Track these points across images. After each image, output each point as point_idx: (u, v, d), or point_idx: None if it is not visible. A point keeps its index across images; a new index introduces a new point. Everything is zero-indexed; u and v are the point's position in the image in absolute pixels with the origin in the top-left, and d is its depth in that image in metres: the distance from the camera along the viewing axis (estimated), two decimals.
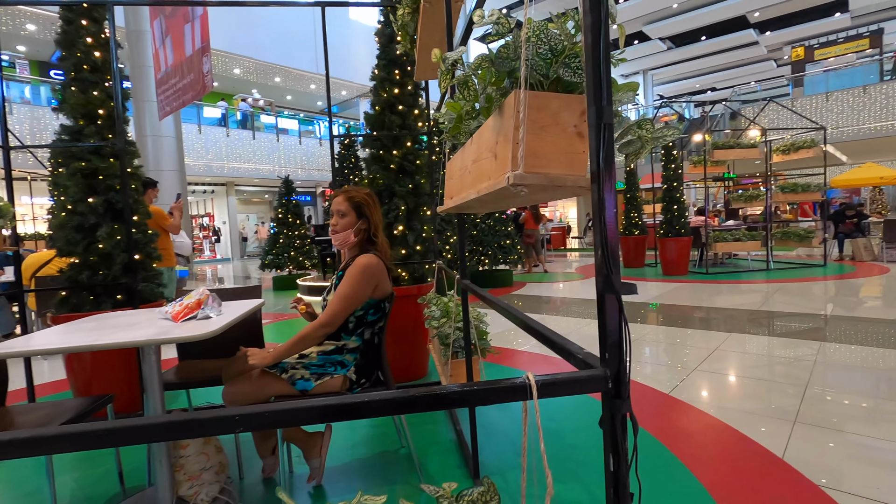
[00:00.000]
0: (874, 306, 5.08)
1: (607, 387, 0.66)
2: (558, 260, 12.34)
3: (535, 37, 0.86)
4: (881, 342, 3.73)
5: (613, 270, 0.65)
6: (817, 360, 3.33)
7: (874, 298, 5.51)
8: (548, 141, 0.85)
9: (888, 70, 16.48)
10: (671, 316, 5.07)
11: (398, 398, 0.65)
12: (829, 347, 3.62)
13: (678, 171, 7.99)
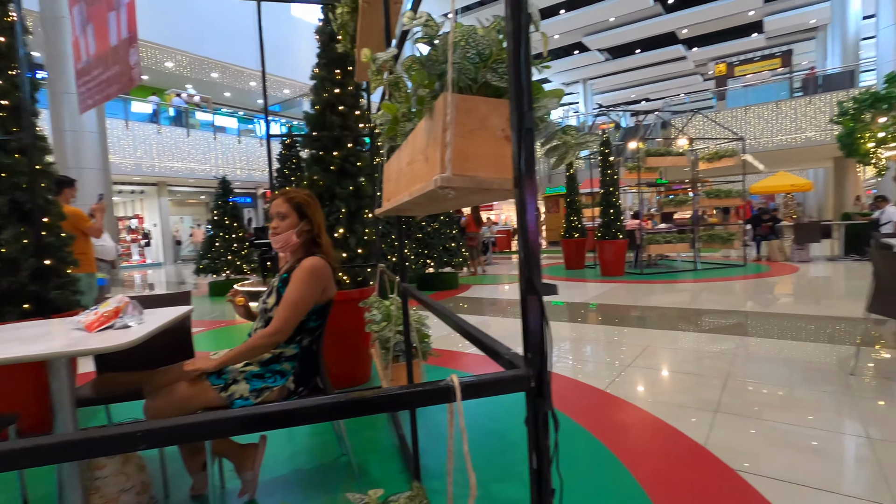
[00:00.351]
0: (787, 303, 5.56)
1: (530, 386, 0.67)
2: (504, 262, 12.58)
3: (464, 41, 0.87)
4: (793, 335, 4.08)
5: (534, 272, 0.66)
6: (737, 353, 3.59)
7: (786, 295, 6.03)
8: (476, 144, 0.86)
9: (797, 88, 18.09)
10: (609, 315, 5.30)
11: (318, 405, 0.63)
12: (748, 341, 3.92)
13: (615, 177, 8.39)
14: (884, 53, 12.48)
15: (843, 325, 4.24)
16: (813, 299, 5.61)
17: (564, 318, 5.28)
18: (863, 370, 3.06)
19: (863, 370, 3.06)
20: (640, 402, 2.74)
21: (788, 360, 3.42)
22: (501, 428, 2.48)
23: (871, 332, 4.01)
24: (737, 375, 3.10)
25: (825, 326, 4.28)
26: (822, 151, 17.69)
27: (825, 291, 6.10)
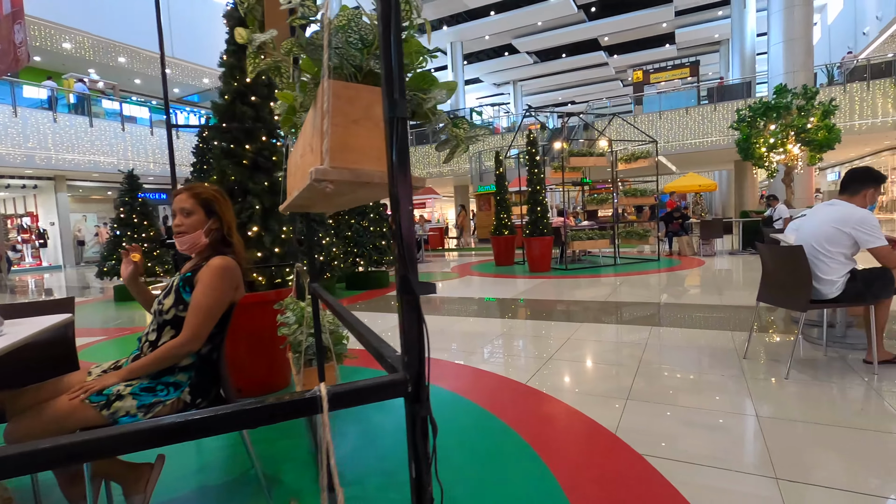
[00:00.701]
0: (693, 294, 6.02)
1: (407, 391, 0.63)
2: (436, 260, 12.62)
3: (347, 25, 0.82)
4: (697, 324, 4.41)
5: (410, 270, 0.63)
6: (650, 342, 3.81)
7: (693, 287, 6.53)
8: (361, 135, 0.81)
9: (703, 96, 19.67)
10: (534, 309, 5.46)
11: (167, 425, 0.55)
12: (659, 331, 4.18)
13: (541, 176, 8.67)
14: (774, 67, 13.88)
15: (739, 313, 4.65)
16: (715, 290, 6.12)
17: (493, 313, 5.36)
18: (754, 353, 3.36)
19: (754, 353, 3.36)
20: (558, 393, 2.83)
21: (693, 347, 3.68)
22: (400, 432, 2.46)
23: (762, 318, 4.43)
24: (648, 363, 3.29)
25: (724, 315, 4.67)
26: (724, 155, 19.40)
27: (725, 283, 6.68)
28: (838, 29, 25.05)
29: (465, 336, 4.39)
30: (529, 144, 8.62)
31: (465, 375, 3.26)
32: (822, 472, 1.89)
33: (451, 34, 28.12)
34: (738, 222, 9.90)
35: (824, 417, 2.35)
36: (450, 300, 6.46)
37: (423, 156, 24.02)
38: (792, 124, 8.89)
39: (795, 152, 9.07)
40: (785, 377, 2.88)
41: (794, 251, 2.90)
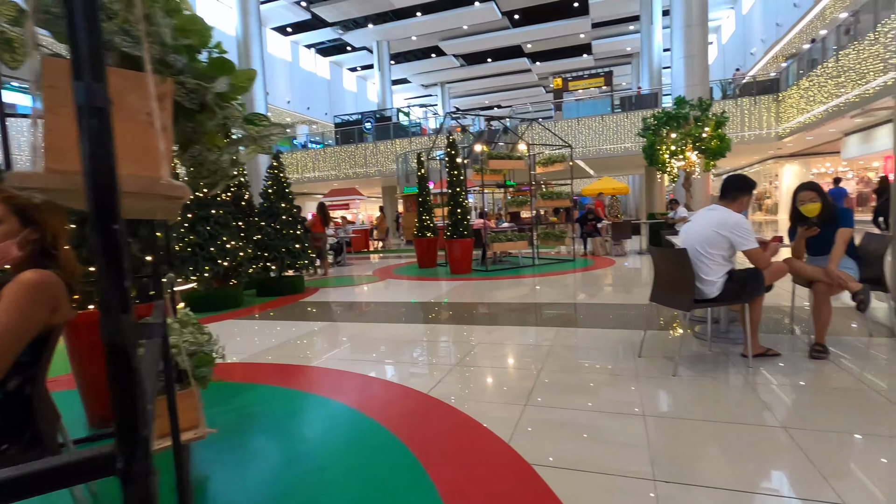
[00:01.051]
0: (602, 293, 6.27)
1: (116, 468, 0.48)
2: (359, 262, 12.30)
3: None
4: (602, 323, 4.56)
5: (115, 303, 0.47)
6: (555, 343, 3.87)
7: (603, 286, 6.81)
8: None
9: (617, 105, 20.87)
10: (449, 313, 5.40)
11: None
12: (565, 332, 4.26)
13: (461, 178, 8.69)
14: (676, 81, 14.99)
15: (640, 312, 4.88)
16: (621, 289, 6.42)
17: (407, 318, 5.24)
18: (649, 352, 3.50)
19: (649, 352, 3.50)
20: (459, 402, 2.75)
21: (594, 347, 3.78)
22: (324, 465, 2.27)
23: (662, 316, 4.67)
24: (551, 366, 3.31)
25: (626, 313, 4.88)
26: (636, 160, 20.75)
27: (631, 282, 7.04)
28: (731, 48, 27.71)
29: (373, 343, 4.23)
30: (449, 146, 8.62)
31: (364, 387, 3.10)
32: (698, 470, 1.95)
33: (377, 33, 27.74)
34: (646, 224, 10.56)
35: (705, 413, 2.46)
36: (364, 305, 6.26)
37: (349, 154, 23.47)
38: (690, 133, 9.63)
39: (693, 159, 9.84)
40: (673, 374, 3.01)
41: (679, 254, 3.05)
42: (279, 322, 5.35)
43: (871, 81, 11.78)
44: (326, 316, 5.64)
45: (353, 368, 3.49)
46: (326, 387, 3.15)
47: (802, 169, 22.24)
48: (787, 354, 3.29)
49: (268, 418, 2.72)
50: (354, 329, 4.86)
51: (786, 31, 19.84)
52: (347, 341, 4.38)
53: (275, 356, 3.94)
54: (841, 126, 15.81)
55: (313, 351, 4.06)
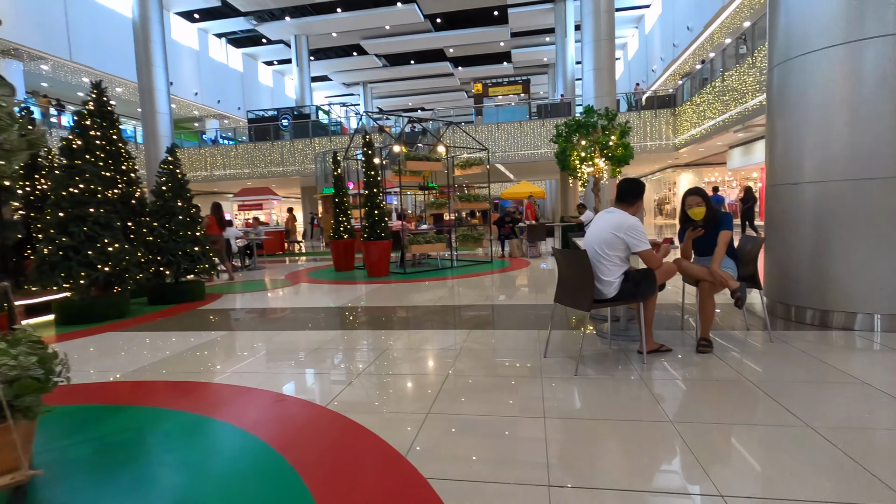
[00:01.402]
0: (516, 294, 6.38)
1: None
2: (273, 266, 11.65)
3: None
4: (512, 325, 4.59)
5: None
6: (464, 347, 3.82)
7: (517, 287, 6.94)
8: None
9: (534, 112, 21.67)
10: (361, 318, 5.20)
11: None
12: (475, 334, 4.23)
13: (378, 178, 8.48)
14: (587, 91, 15.85)
15: (548, 312, 4.99)
16: (534, 290, 6.58)
17: (316, 325, 4.96)
18: (553, 352, 3.55)
19: (553, 352, 3.55)
20: (359, 415, 2.58)
21: (503, 349, 3.78)
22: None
23: (568, 316, 4.80)
24: (458, 370, 3.24)
25: (536, 314, 4.97)
26: (551, 165, 21.73)
27: (544, 283, 7.25)
28: (635, 64, 29.94)
29: (274, 354, 3.93)
30: (366, 146, 8.38)
31: (255, 403, 2.83)
32: (593, 472, 1.95)
33: (295, 26, 26.68)
34: (559, 226, 11.00)
35: (602, 412, 2.50)
36: (271, 312, 5.86)
37: (264, 152, 22.31)
38: (598, 141, 10.19)
39: (601, 165, 10.42)
40: (575, 374, 3.06)
41: (580, 255, 3.11)
42: (171, 333, 4.83)
43: (749, 101, 13.21)
44: (226, 325, 5.20)
45: (246, 382, 3.19)
46: (212, 405, 2.84)
47: (696, 177, 24.54)
48: (678, 349, 3.49)
49: (138, 446, 2.38)
50: (255, 338, 4.51)
51: (681, 51, 21.77)
52: (246, 352, 4.04)
53: (158, 372, 3.52)
54: (726, 140, 17.60)
55: (204, 365, 3.69)
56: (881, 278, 3.74)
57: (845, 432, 2.16)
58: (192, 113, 28.60)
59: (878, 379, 2.83)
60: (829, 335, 3.77)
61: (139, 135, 20.33)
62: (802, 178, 4.08)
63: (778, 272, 4.37)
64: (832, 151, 3.90)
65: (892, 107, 3.66)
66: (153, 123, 18.33)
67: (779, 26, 4.30)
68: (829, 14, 3.86)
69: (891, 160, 3.68)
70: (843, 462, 1.91)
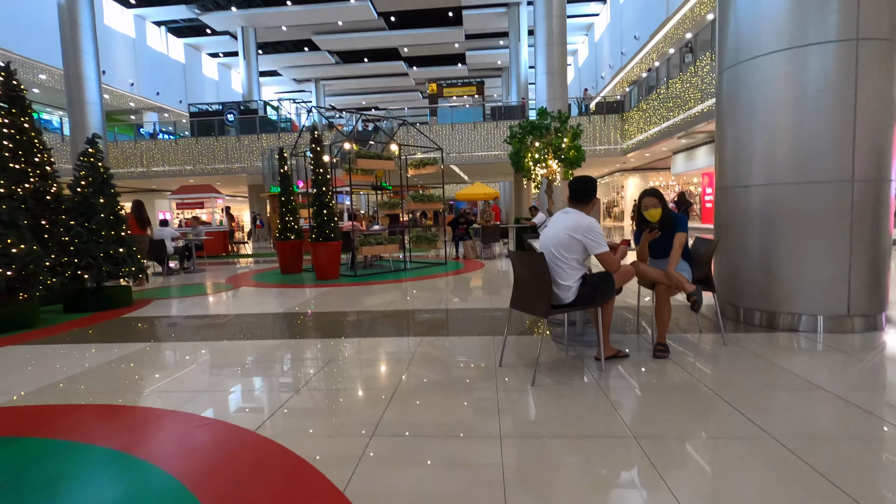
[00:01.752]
0: (469, 297, 6.18)
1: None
2: (216, 268, 10.93)
3: None
4: (469, 330, 4.39)
5: None
6: (416, 356, 3.56)
7: (471, 290, 6.76)
8: None
9: (488, 114, 21.72)
10: (305, 326, 4.84)
11: None
12: (426, 342, 3.99)
13: (327, 177, 8.08)
14: (540, 94, 15.99)
15: (503, 316, 4.82)
16: (488, 293, 6.42)
17: (255, 334, 4.56)
18: (508, 361, 3.37)
19: (508, 361, 3.37)
20: (293, 440, 2.27)
21: (456, 357, 3.55)
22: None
23: (523, 320, 4.65)
24: (408, 383, 2.98)
25: (490, 318, 4.79)
26: (506, 167, 21.86)
27: (498, 285, 7.11)
28: (585, 71, 30.73)
29: (205, 368, 3.52)
30: (314, 142, 7.95)
31: (172, 430, 2.46)
32: (547, 495, 1.75)
33: (242, 18, 25.53)
34: (513, 228, 10.96)
35: (559, 426, 2.32)
36: (205, 320, 5.38)
37: (208, 148, 21.15)
38: (550, 143, 10.21)
39: (554, 167, 10.46)
40: (531, 384, 2.88)
41: (537, 258, 2.93)
42: (86, 346, 4.29)
43: (692, 108, 13.73)
44: (152, 335, 4.69)
45: (167, 403, 2.80)
46: (117, 433, 2.44)
47: (642, 181, 25.43)
48: (635, 354, 3.39)
49: (17, 492, 1.96)
50: (185, 350, 4.06)
51: (628, 59, 22.48)
52: (171, 367, 3.60)
53: (63, 393, 3.04)
54: (670, 145, 18.29)
55: (120, 383, 3.23)
56: (822, 280, 3.81)
57: (802, 439, 2.08)
58: (127, 105, 26.76)
59: (825, 381, 2.82)
60: (777, 336, 3.80)
61: (66, 126, 18.69)
62: (751, 181, 4.12)
63: (727, 274, 4.40)
64: (778, 155, 3.95)
65: (832, 113, 3.73)
66: (81, 114, 16.93)
67: (728, 30, 4.33)
68: (776, 19, 3.90)
69: (831, 164, 3.75)
70: (804, 471, 1.81)
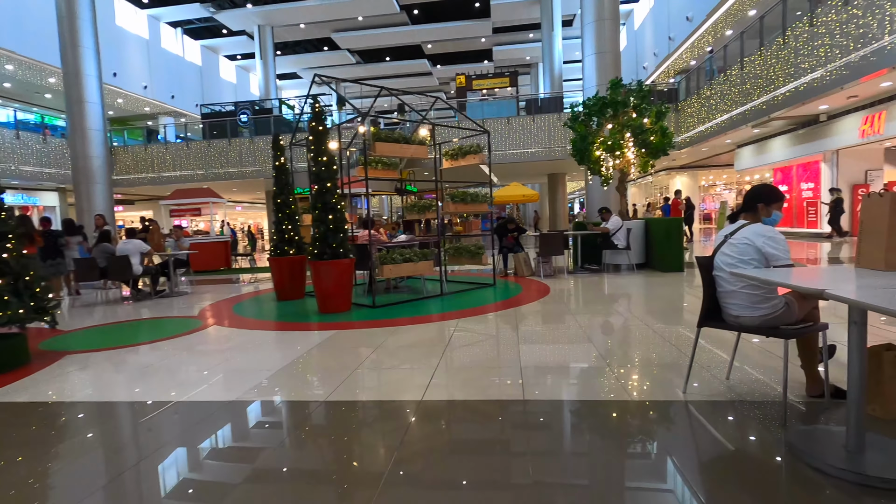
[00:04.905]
0: (564, 351, 3.54)
1: None
2: (201, 289, 8.54)
3: None
4: (622, 433, 1.76)
5: None
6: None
7: (555, 336, 4.11)
8: None
9: (522, 109, 19.09)
10: (266, 456, 2.27)
11: None
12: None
13: (332, 168, 5.55)
14: (588, 78, 13.25)
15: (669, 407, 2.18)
16: (596, 336, 3.77)
17: (173, 463, 2.01)
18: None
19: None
20: None
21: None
22: None
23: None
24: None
25: (651, 414, 2.15)
26: (539, 167, 19.14)
27: (597, 320, 4.47)
28: (624, 63, 27.77)
29: None
30: (314, 120, 5.45)
31: None
32: None
33: (259, 15, 23.50)
34: (575, 236, 8.29)
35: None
36: (104, 415, 2.86)
37: (220, 151, 19.07)
38: (628, 123, 7.57)
39: (630, 157, 7.80)
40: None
41: None
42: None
43: (778, 88, 10.84)
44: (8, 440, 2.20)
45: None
46: None
47: (692, 181, 22.35)
48: None
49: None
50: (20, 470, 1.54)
51: (677, 44, 19.56)
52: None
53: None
54: (737, 137, 15.34)
55: None
56: None
57: None
58: (142, 109, 25.02)
59: None
60: None
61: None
62: None
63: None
64: None
65: None
66: (81, 114, 14.93)
67: None
68: None
69: None
70: None
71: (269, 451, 2.22)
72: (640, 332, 4.12)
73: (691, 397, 2.56)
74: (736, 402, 2.46)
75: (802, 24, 10.38)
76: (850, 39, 9.01)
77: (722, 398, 2.53)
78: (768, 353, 3.25)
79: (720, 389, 2.66)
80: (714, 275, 2.43)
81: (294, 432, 2.46)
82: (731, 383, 2.74)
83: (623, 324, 4.48)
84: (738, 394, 2.57)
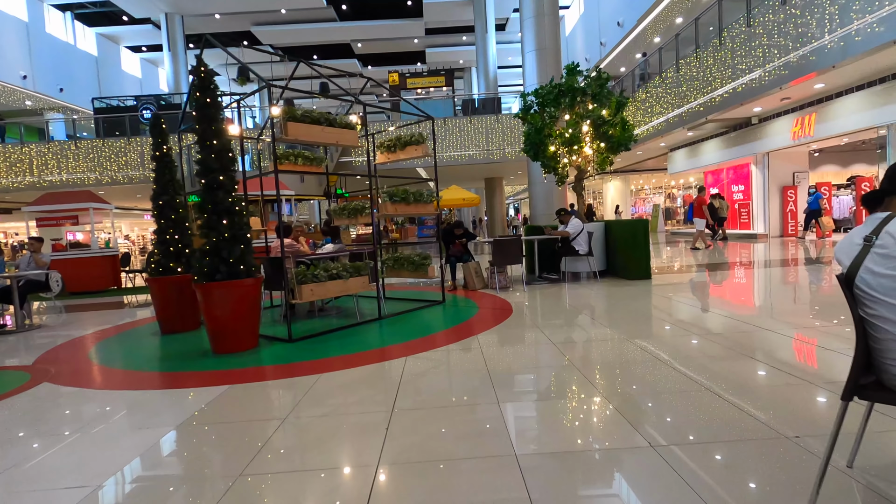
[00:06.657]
0: (587, 405, 2.37)
1: None
2: (69, 321, 6.54)
3: None
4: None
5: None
6: None
7: (563, 372, 2.94)
8: None
9: (458, 109, 18.16)
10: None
11: None
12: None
13: (228, 154, 4.03)
14: (529, 77, 12.51)
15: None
16: (597, 382, 2.64)
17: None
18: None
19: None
20: None
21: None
22: None
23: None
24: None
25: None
26: (476, 170, 18.32)
27: (592, 357, 3.37)
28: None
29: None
30: (198, 89, 3.92)
31: None
32: None
33: (165, 2, 20.75)
34: (533, 242, 7.27)
35: None
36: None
37: (118, 151, 16.34)
38: (586, 114, 6.71)
39: (589, 152, 6.94)
40: None
41: None
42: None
43: (715, 90, 10.67)
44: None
45: None
46: None
47: (623, 185, 22.61)
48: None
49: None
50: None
51: (609, 49, 19.63)
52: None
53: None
54: (670, 140, 15.38)
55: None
56: None
57: None
58: (22, 103, 21.20)
59: None
60: None
61: None
62: None
63: None
64: None
65: None
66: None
67: None
68: None
69: None
70: None
71: None
72: (675, 380, 3.06)
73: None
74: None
75: (739, 25, 10.25)
76: (788, 39, 8.85)
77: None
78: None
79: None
80: (861, 312, 1.36)
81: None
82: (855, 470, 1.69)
83: (641, 359, 3.41)
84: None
